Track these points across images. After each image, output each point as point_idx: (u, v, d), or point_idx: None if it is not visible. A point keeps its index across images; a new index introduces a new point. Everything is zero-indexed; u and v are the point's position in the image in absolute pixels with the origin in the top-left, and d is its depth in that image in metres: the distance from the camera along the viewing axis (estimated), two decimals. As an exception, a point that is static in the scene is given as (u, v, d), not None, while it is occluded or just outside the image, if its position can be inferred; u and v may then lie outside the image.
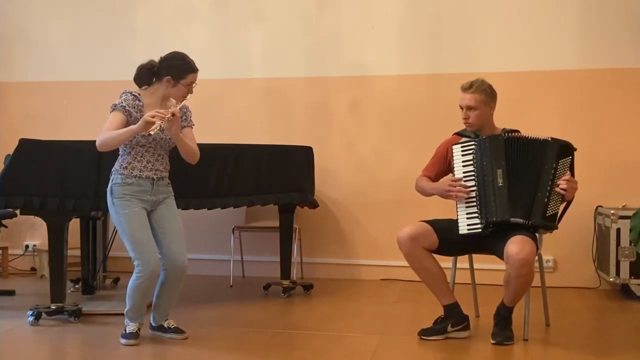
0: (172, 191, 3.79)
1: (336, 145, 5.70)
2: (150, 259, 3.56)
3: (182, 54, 3.69)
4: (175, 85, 3.64)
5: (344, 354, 3.56)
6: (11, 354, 3.55)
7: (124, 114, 3.57)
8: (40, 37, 6.13)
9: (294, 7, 5.78)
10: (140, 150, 3.63)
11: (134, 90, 3.67)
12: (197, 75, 3.68)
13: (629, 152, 5.24)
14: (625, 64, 5.25)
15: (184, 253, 3.71)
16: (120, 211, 3.58)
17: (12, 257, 5.95)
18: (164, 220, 3.70)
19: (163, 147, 3.70)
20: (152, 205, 3.68)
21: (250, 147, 4.85)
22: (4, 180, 3.99)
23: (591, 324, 4.42)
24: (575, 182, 3.67)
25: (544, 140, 3.70)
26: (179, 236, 3.72)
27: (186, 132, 3.73)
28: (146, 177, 3.63)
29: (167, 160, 3.76)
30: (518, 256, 3.45)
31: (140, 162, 3.62)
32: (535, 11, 5.40)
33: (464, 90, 3.82)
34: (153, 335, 3.79)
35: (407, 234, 3.72)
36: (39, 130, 5.19)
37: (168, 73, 3.62)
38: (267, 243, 5.60)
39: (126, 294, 3.65)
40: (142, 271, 3.55)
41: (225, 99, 5.88)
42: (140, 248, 3.56)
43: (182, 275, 3.72)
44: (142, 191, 3.62)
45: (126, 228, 3.57)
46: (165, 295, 3.75)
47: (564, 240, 5.14)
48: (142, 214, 3.62)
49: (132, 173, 3.60)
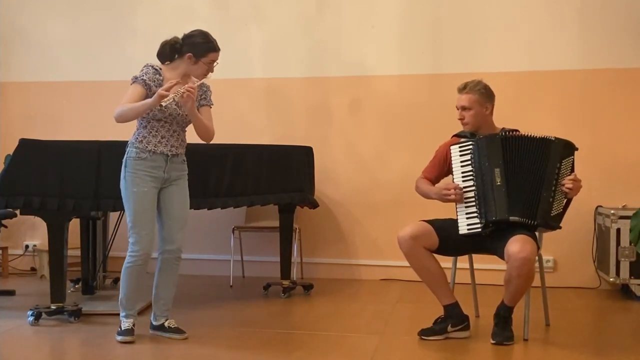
0: (186, 169, 3.83)
1: (336, 145, 5.70)
2: (145, 240, 3.64)
3: (205, 32, 3.73)
4: (196, 63, 3.68)
5: (344, 354, 3.56)
6: (11, 354, 3.55)
7: (143, 87, 3.60)
8: (40, 37, 6.13)
9: (294, 7, 5.78)
10: (155, 125, 3.66)
11: (155, 64, 3.71)
12: (219, 54, 3.73)
13: (629, 152, 5.25)
14: (625, 64, 5.25)
15: (182, 240, 3.79)
16: (129, 187, 3.63)
17: (12, 257, 5.95)
18: (172, 204, 3.74)
19: (179, 124, 3.73)
20: (164, 182, 3.71)
21: (250, 147, 4.85)
22: (4, 180, 3.99)
23: (591, 324, 4.42)
24: (580, 181, 3.67)
25: (547, 139, 3.70)
26: (181, 223, 3.78)
27: (203, 110, 3.78)
28: (160, 152, 3.66)
29: (184, 137, 3.80)
30: (519, 255, 3.45)
31: (155, 137, 3.65)
32: (535, 11, 5.40)
33: (459, 91, 3.85)
34: (153, 335, 3.79)
35: (408, 234, 3.72)
36: (39, 130, 5.19)
37: (190, 50, 3.67)
38: (267, 243, 5.60)
39: (120, 282, 3.73)
40: (135, 251, 3.64)
41: (225, 99, 5.85)
42: (138, 227, 3.63)
43: (177, 261, 3.80)
44: (155, 167, 3.65)
45: (131, 206, 3.63)
46: (163, 283, 3.79)
47: (564, 240, 5.14)
48: (150, 195, 3.65)
49: (146, 147, 3.63)
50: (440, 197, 3.81)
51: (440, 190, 3.81)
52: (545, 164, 3.65)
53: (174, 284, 3.84)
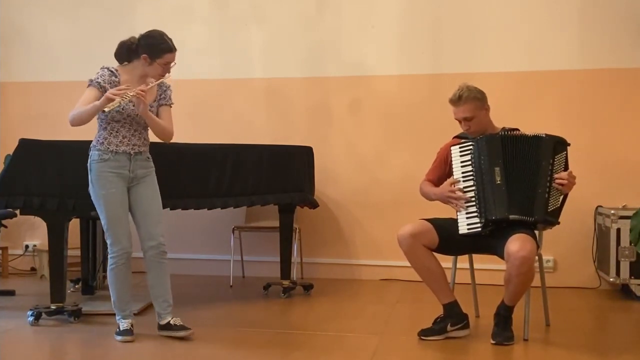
0: (153, 166, 3.82)
1: (336, 145, 5.70)
2: (122, 239, 3.66)
3: (161, 33, 3.70)
4: (151, 64, 3.67)
5: (344, 354, 3.56)
6: (11, 354, 3.55)
7: (99, 90, 3.62)
8: (40, 37, 6.13)
9: (294, 7, 5.78)
10: (115, 126, 3.67)
11: (111, 66, 3.71)
12: (175, 55, 3.69)
13: (629, 152, 5.24)
14: (625, 64, 5.25)
15: (162, 234, 3.78)
16: (98, 191, 3.65)
17: (12, 257, 5.95)
18: (143, 201, 3.74)
19: (139, 123, 3.72)
20: (131, 181, 3.71)
21: (250, 147, 4.85)
22: (4, 180, 3.99)
23: (591, 324, 4.42)
24: (574, 177, 3.68)
25: (538, 137, 3.71)
26: (157, 217, 3.77)
27: (162, 110, 3.78)
28: (123, 151, 3.66)
29: (146, 135, 3.79)
30: (519, 254, 3.45)
31: (116, 138, 3.66)
32: (535, 11, 5.40)
33: (454, 104, 3.81)
34: (152, 335, 3.79)
35: (408, 232, 3.73)
36: (39, 130, 5.17)
37: (145, 51, 3.66)
38: (267, 243, 5.60)
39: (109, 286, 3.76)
40: (115, 252, 3.67)
41: (225, 99, 5.89)
42: (113, 229, 3.65)
43: (162, 256, 3.77)
44: (120, 166, 3.66)
45: (103, 209, 3.65)
46: (156, 282, 3.78)
47: (564, 240, 5.15)
48: (118, 195, 3.66)
49: (108, 148, 3.64)
50: (443, 198, 3.82)
51: (444, 191, 3.81)
52: (539, 161, 3.66)
53: (167, 279, 3.81)
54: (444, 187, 3.83)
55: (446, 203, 3.82)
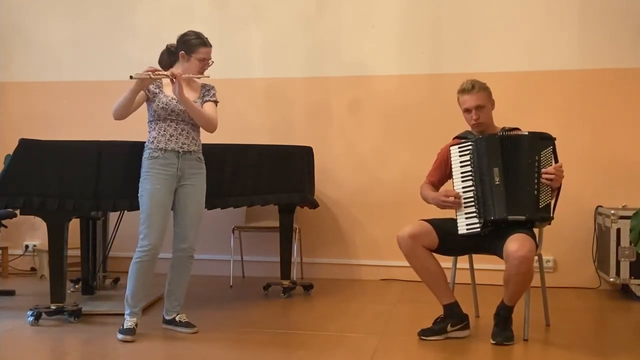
0: (204, 168, 3.96)
1: (336, 145, 5.70)
2: (153, 236, 3.74)
3: (195, 31, 3.95)
4: (188, 60, 3.86)
5: (344, 354, 3.56)
6: (11, 354, 3.55)
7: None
8: (40, 37, 6.13)
9: (294, 7, 5.78)
10: (163, 125, 3.82)
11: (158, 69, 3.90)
12: (210, 51, 3.91)
13: (629, 152, 5.24)
14: (625, 64, 5.25)
15: (195, 239, 3.94)
16: (143, 186, 3.78)
17: (12, 257, 5.95)
18: (187, 203, 3.87)
19: (186, 122, 3.85)
20: (179, 180, 3.83)
21: (250, 147, 4.85)
22: (4, 180, 3.98)
23: (591, 324, 4.42)
24: (560, 170, 3.67)
25: (522, 136, 3.74)
26: (195, 221, 3.91)
27: (207, 105, 3.94)
28: (171, 149, 3.79)
29: (195, 135, 3.93)
30: (517, 253, 3.45)
31: (164, 136, 3.82)
32: (535, 11, 5.40)
33: (467, 92, 3.81)
34: (153, 335, 3.80)
35: (408, 233, 3.73)
36: (39, 130, 5.18)
37: (181, 48, 3.88)
38: (267, 243, 5.60)
39: (127, 278, 3.80)
40: (143, 246, 3.74)
41: (225, 99, 5.83)
42: (148, 223, 3.74)
43: (189, 260, 3.96)
44: (169, 164, 3.79)
45: (144, 202, 3.76)
46: (175, 280, 3.94)
47: (564, 240, 5.15)
48: (162, 193, 3.77)
49: (158, 146, 3.79)
50: (438, 204, 3.84)
51: (438, 196, 3.83)
52: (527, 160, 3.67)
53: (186, 281, 4.00)
54: (439, 194, 3.86)
55: (442, 208, 3.85)
